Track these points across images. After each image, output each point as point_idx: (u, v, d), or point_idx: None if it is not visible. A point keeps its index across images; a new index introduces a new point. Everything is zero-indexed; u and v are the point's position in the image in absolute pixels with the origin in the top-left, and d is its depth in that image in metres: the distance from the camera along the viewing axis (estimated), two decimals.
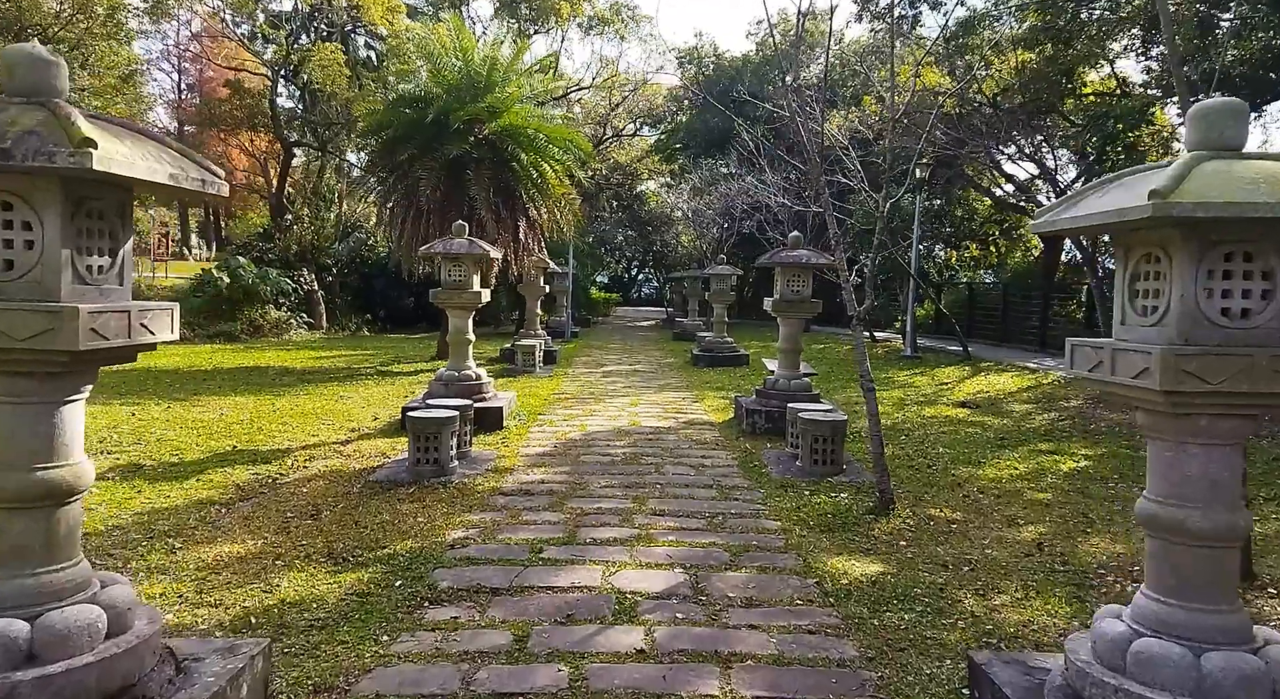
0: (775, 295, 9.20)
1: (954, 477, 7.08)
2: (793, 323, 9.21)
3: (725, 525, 5.54)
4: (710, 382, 13.51)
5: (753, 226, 23.54)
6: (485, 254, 8.94)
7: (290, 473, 6.82)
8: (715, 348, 16.14)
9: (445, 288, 9.05)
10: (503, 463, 7.25)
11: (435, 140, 13.96)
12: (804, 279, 9.06)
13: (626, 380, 13.62)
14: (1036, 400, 11.38)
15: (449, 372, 9.11)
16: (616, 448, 8.01)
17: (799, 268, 8.98)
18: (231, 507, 5.83)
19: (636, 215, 38.74)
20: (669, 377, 14.37)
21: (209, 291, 20.86)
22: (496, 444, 8.11)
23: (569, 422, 9.44)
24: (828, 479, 6.77)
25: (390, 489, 6.27)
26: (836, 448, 6.95)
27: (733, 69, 29.94)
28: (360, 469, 6.94)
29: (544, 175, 14.83)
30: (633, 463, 7.38)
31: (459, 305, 9.06)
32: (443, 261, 9.06)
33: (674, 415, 10.10)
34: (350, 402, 10.57)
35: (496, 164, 14.53)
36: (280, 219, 23.42)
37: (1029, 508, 6.14)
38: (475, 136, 14.61)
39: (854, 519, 5.69)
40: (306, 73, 21.42)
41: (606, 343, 21.95)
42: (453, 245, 8.93)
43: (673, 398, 11.63)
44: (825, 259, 9.00)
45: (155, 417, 9.05)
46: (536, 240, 15.72)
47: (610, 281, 51.21)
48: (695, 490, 6.46)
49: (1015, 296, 18.96)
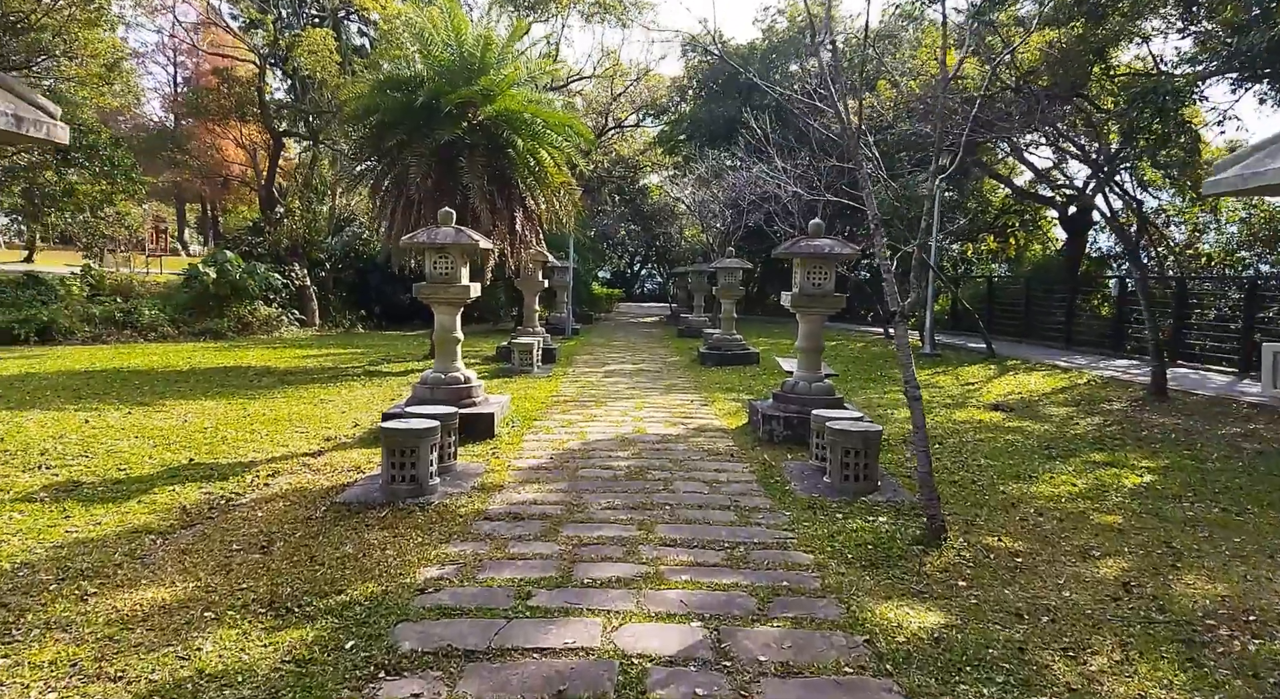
0: (794, 289, 8.34)
1: (1004, 495, 6.22)
2: (814, 320, 8.35)
3: (749, 559, 4.69)
4: (719, 382, 12.65)
5: (760, 218, 22.72)
6: (474, 244, 8.08)
7: (247, 492, 5.98)
8: (723, 345, 15.28)
9: (430, 282, 8.20)
10: (491, 478, 6.41)
11: (425, 125, 13.09)
12: (826, 271, 8.20)
13: (630, 381, 12.76)
14: (1075, 402, 10.51)
15: (435, 374, 8.27)
16: (620, 460, 7.16)
17: (821, 259, 8.12)
18: (170, 536, 4.99)
19: (639, 209, 37.87)
20: (675, 376, 13.52)
21: (195, 288, 20.06)
22: (486, 455, 7.26)
23: (567, 428, 8.59)
24: (862, 498, 5.91)
25: (359, 513, 5.43)
26: (870, 462, 6.09)
27: (739, 57, 28.95)
28: (329, 487, 6.09)
29: (542, 163, 13.96)
30: (638, 478, 6.53)
31: (446, 301, 8.21)
32: (428, 253, 8.21)
33: (682, 421, 9.25)
34: (331, 406, 9.73)
35: (491, 151, 13.65)
36: (270, 212, 22.60)
37: (1100, 535, 5.28)
38: (468, 121, 13.74)
39: (900, 551, 4.84)
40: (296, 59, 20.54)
41: (609, 340, 21.10)
42: (438, 235, 8.08)
43: (680, 401, 10.78)
44: (850, 249, 8.14)
45: (111, 424, 8.22)
46: (534, 232, 14.85)
47: (613, 277, 50.35)
48: (710, 513, 5.61)
49: (1037, 291, 18.05)
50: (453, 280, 8.17)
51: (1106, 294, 18.42)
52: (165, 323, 18.63)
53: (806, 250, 8.06)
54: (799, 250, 8.08)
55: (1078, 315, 16.52)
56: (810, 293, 8.18)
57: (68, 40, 22.69)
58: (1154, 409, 9.72)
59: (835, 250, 8.06)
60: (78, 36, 22.88)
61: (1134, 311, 15.01)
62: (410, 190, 13.09)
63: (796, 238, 8.32)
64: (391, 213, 13.81)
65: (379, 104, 13.21)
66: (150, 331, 18.15)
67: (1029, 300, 17.86)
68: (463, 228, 8.23)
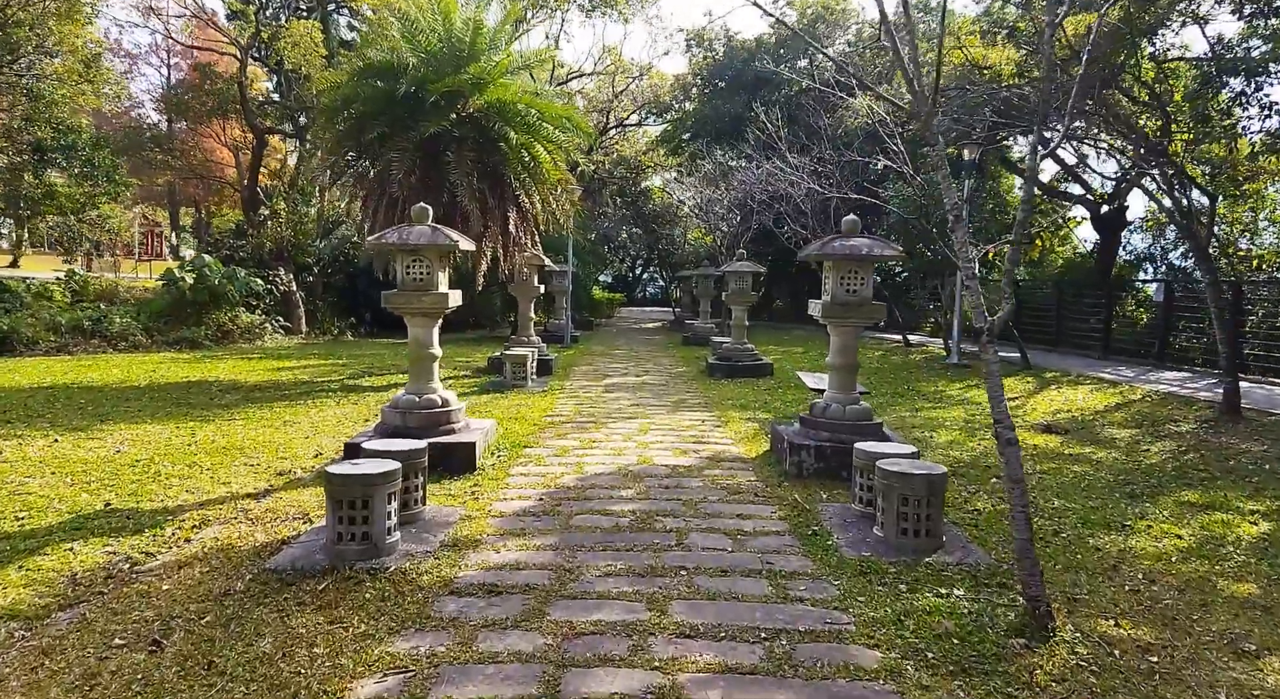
0: (825, 296, 7.18)
1: (1099, 552, 5.05)
2: (848, 332, 7.18)
3: (795, 660, 3.53)
4: (732, 397, 11.48)
5: (769, 220, 21.57)
6: (453, 246, 6.92)
7: (161, 552, 4.82)
8: (734, 356, 14.12)
9: (402, 289, 7.04)
10: (467, 529, 5.24)
11: (409, 117, 11.96)
12: (863, 275, 7.04)
13: (633, 397, 11.59)
14: (1135, 423, 9.33)
15: (408, 396, 7.10)
16: (623, 501, 6.00)
17: (857, 261, 6.96)
18: (38, 625, 3.83)
19: (641, 211, 36.75)
20: (683, 390, 12.35)
21: (172, 294, 18.94)
22: (464, 495, 6.10)
23: (562, 458, 7.42)
24: (926, 560, 4.74)
25: (292, 584, 4.27)
26: (935, 513, 4.92)
27: (745, 52, 27.86)
28: (263, 545, 4.93)
29: (537, 158, 12.82)
30: (645, 528, 5.36)
31: (420, 311, 7.05)
32: (399, 256, 7.05)
33: (694, 446, 8.08)
34: (295, 429, 8.57)
35: (481, 145, 12.52)
36: (253, 214, 21.47)
37: (1241, 616, 4.11)
38: (457, 113, 12.61)
39: (994, 646, 3.67)
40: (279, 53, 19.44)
41: (610, 348, 19.94)
42: (410, 234, 6.92)
43: (690, 420, 9.61)
44: (893, 250, 6.97)
45: (29, 456, 7.06)
46: (529, 233, 13.71)
47: (614, 281, 49.27)
48: (738, 582, 4.44)
49: (1070, 295, 16.85)
50: (428, 287, 7.01)
51: (1142, 299, 17.25)
52: (138, 331, 17.49)
53: (840, 251, 6.90)
54: (831, 251, 6.92)
55: (1115, 322, 15.33)
56: (844, 301, 7.01)
57: (42, 35, 21.64)
58: (1230, 432, 8.53)
59: (874, 251, 6.89)
60: (53, 31, 21.83)
61: (1181, 319, 13.82)
62: (392, 188, 11.95)
63: (828, 237, 7.16)
64: (374, 213, 12.68)
65: (358, 93, 12.08)
66: (121, 341, 17.01)
67: (1060, 306, 16.66)
68: (440, 227, 7.07)
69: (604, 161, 36.44)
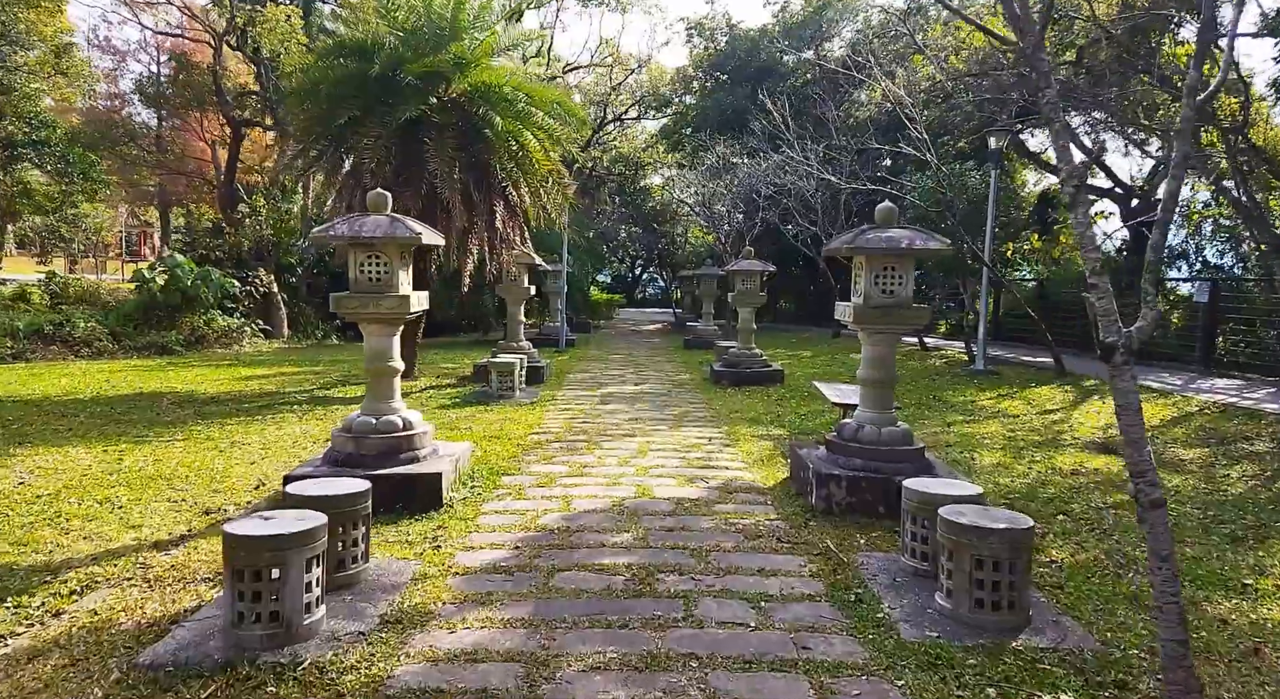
0: (856, 298, 6.08)
1: (1226, 625, 3.94)
2: (885, 339, 6.07)
3: None
4: (740, 410, 10.37)
5: (775, 216, 20.48)
6: (414, 239, 5.81)
7: (18, 631, 3.72)
8: (741, 362, 13.01)
9: (355, 291, 5.94)
10: (417, 595, 4.13)
11: (384, 100, 10.86)
12: (902, 273, 5.93)
13: (631, 409, 10.48)
14: (1201, 440, 8.22)
15: (363, 417, 5.99)
16: (617, 551, 4.89)
17: (896, 256, 5.85)
18: None
19: (641, 209, 35.67)
20: (686, 401, 11.24)
21: (141, 296, 17.83)
22: (422, 543, 4.99)
23: (546, 490, 6.31)
24: (1010, 643, 3.63)
25: (169, 689, 3.16)
26: (1019, 580, 3.81)
27: (748, 41, 26.76)
28: (150, 621, 3.82)
29: (526, 147, 11.71)
30: (644, 590, 4.25)
31: (377, 318, 5.94)
32: (352, 252, 5.95)
33: (701, 471, 6.97)
34: (242, 452, 7.47)
35: (464, 132, 11.42)
36: (230, 212, 20.36)
37: None
38: (438, 97, 11.52)
39: None
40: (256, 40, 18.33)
41: (608, 353, 18.82)
42: (364, 226, 5.82)
43: (695, 438, 8.50)
44: (938, 242, 5.86)
45: None
46: (519, 229, 12.61)
47: (613, 281, 48.19)
48: (767, 680, 3.33)
49: None
50: (386, 289, 5.91)
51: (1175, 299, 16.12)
52: (103, 337, 16.37)
53: (876, 244, 5.79)
54: (866, 244, 5.81)
55: None
56: (881, 303, 5.90)
57: (8, 23, 20.53)
58: None
59: (917, 244, 5.79)
60: (20, 19, 20.71)
61: (1229, 321, 12.71)
62: (365, 179, 10.85)
63: (860, 228, 6.04)
64: (347, 207, 11.58)
65: (327, 74, 10.98)
66: (84, 347, 15.89)
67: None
68: (401, 218, 5.96)
69: (602, 158, 35.37)
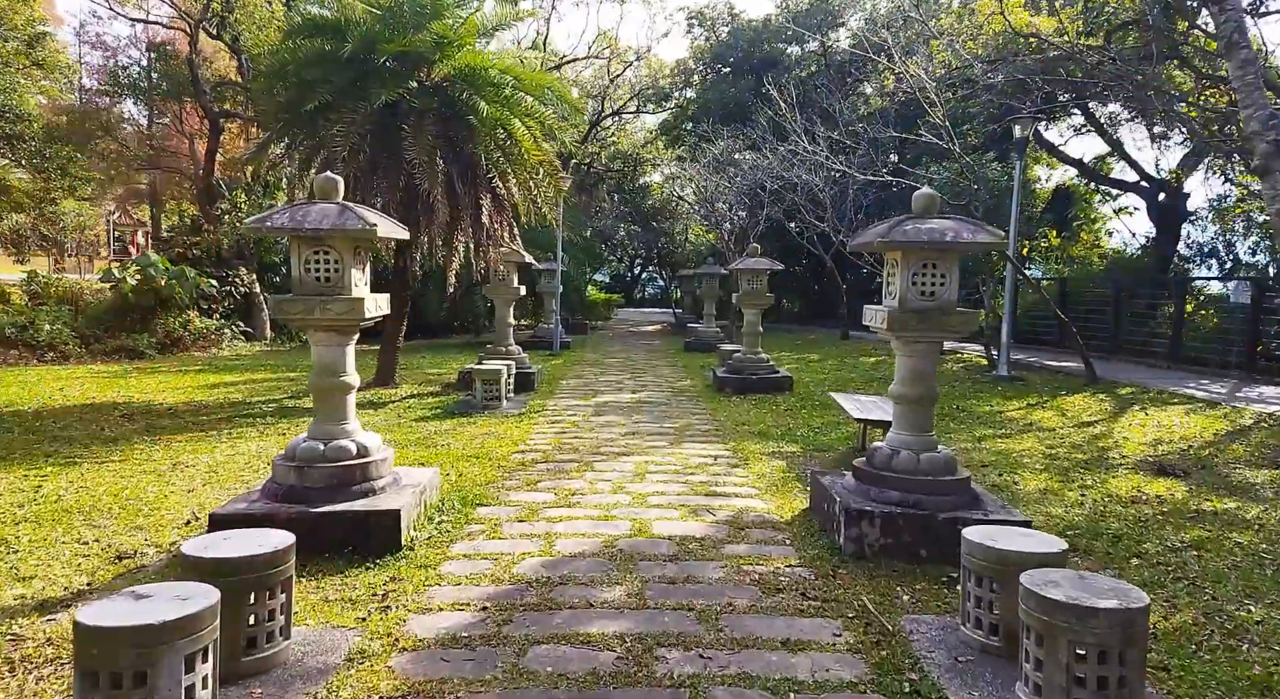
0: (890, 300, 5.18)
1: None
2: (925, 350, 5.16)
3: None
4: (747, 422, 9.47)
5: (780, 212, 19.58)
6: (369, 231, 4.88)
7: None
8: (747, 368, 12.09)
9: (299, 292, 5.01)
10: (347, 688, 3.22)
11: (357, 83, 9.96)
12: (945, 271, 5.03)
13: (628, 421, 9.58)
14: (1268, 460, 7.32)
15: (309, 443, 5.07)
16: (606, 613, 3.98)
17: (938, 251, 4.94)
18: None
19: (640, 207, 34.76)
20: (688, 411, 10.34)
21: (113, 297, 16.93)
22: (368, 601, 4.08)
23: (526, 525, 5.40)
24: None
25: None
26: (1133, 675, 2.90)
27: (751, 31, 25.83)
28: None
29: (514, 135, 10.80)
30: (639, 675, 3.35)
31: (324, 325, 5.02)
32: (296, 245, 5.02)
33: (706, 500, 6.07)
34: (183, 476, 6.56)
35: (447, 119, 10.51)
36: (209, 208, 19.44)
37: None
38: (418, 81, 10.63)
39: None
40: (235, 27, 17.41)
41: (604, 356, 17.91)
42: (308, 215, 4.90)
43: (699, 457, 7.59)
44: (989, 234, 4.96)
45: None
46: (507, 225, 11.69)
47: (612, 280, 47.29)
48: None
49: (1128, 296, 14.81)
50: (337, 290, 4.99)
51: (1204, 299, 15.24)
52: (69, 340, 15.47)
53: (916, 237, 4.88)
54: (903, 237, 4.90)
55: (1186, 327, 13.31)
56: (920, 307, 5.00)
57: None
58: None
59: (964, 236, 4.88)
60: None
61: (1274, 322, 11.81)
62: (337, 169, 9.93)
63: (897, 219, 5.13)
64: None
65: (296, 55, 10.06)
66: (49, 351, 15.00)
67: (1118, 307, 14.61)
68: (353, 205, 5.04)
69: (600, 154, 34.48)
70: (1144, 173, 16.23)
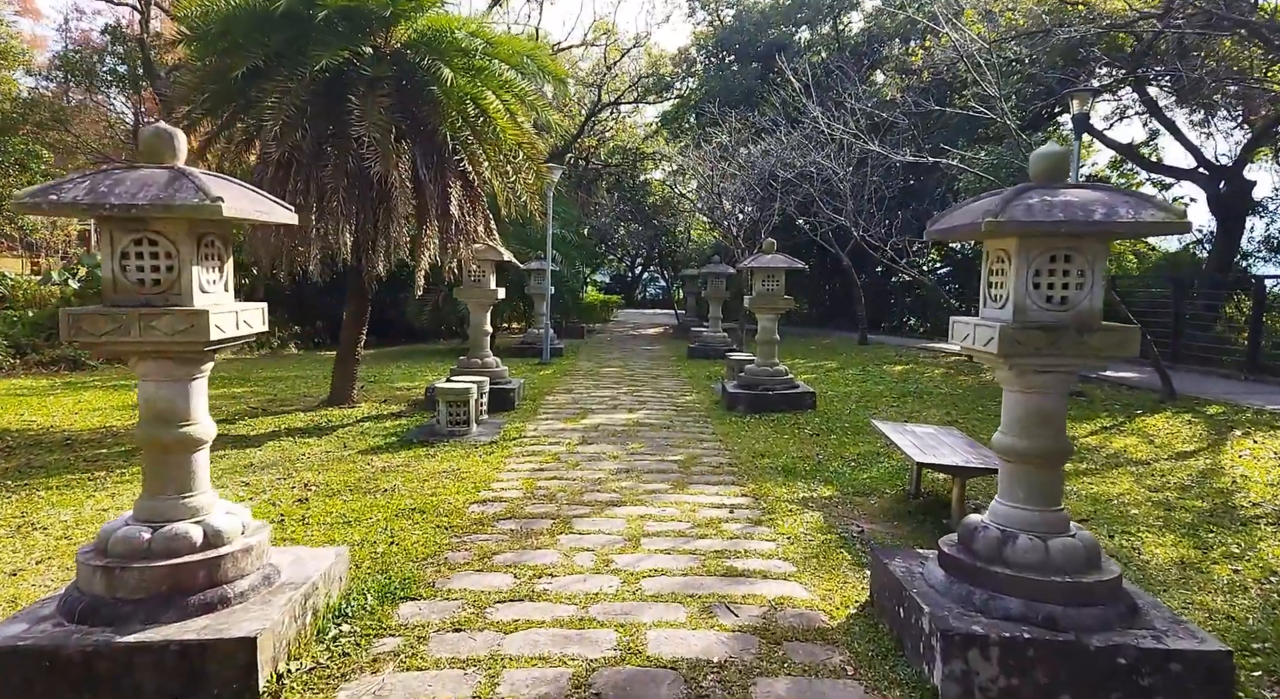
0: (999, 308, 3.53)
1: None
2: (1051, 384, 3.48)
3: None
4: (766, 451, 7.78)
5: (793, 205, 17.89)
6: (207, 207, 3.20)
7: None
8: (761, 382, 10.40)
9: (109, 303, 3.33)
10: None
11: (295, 45, 8.30)
12: (1082, 266, 3.36)
13: (622, 452, 7.89)
14: None
15: (130, 528, 3.38)
16: None
17: (1075, 237, 3.27)
18: None
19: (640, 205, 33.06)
20: (694, 437, 8.66)
21: (53, 302, 15.30)
22: None
23: (464, 638, 3.71)
24: None
25: None
26: None
27: (758, 14, 24.14)
28: None
29: (487, 110, 9.15)
30: None
31: (151, 351, 3.34)
32: (104, 233, 3.33)
33: (723, 586, 4.39)
34: (25, 543, 4.90)
35: (406, 91, 8.87)
36: None
37: None
38: (374, 47, 8.96)
39: None
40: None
41: (600, 364, 16.21)
42: (120, 185, 3.22)
43: (710, 508, 5.91)
44: (1160, 212, 3.27)
45: None
46: (483, 217, 10.02)
47: (612, 281, 45.58)
48: None
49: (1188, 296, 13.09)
50: (168, 298, 3.31)
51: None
52: (2, 349, 13.82)
53: (1044, 216, 3.22)
54: (1025, 217, 3.24)
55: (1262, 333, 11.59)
56: (1046, 320, 3.34)
57: None
58: None
59: (1120, 214, 3.21)
60: None
61: None
62: (270, 148, 8.29)
63: (1016, 189, 3.45)
64: (257, 184, 9.00)
65: (223, 7, 8.38)
66: None
67: (1179, 310, 12.89)
68: (190, 171, 3.36)
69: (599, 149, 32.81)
70: (1203, 158, 14.52)
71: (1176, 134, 14.36)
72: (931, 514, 5.76)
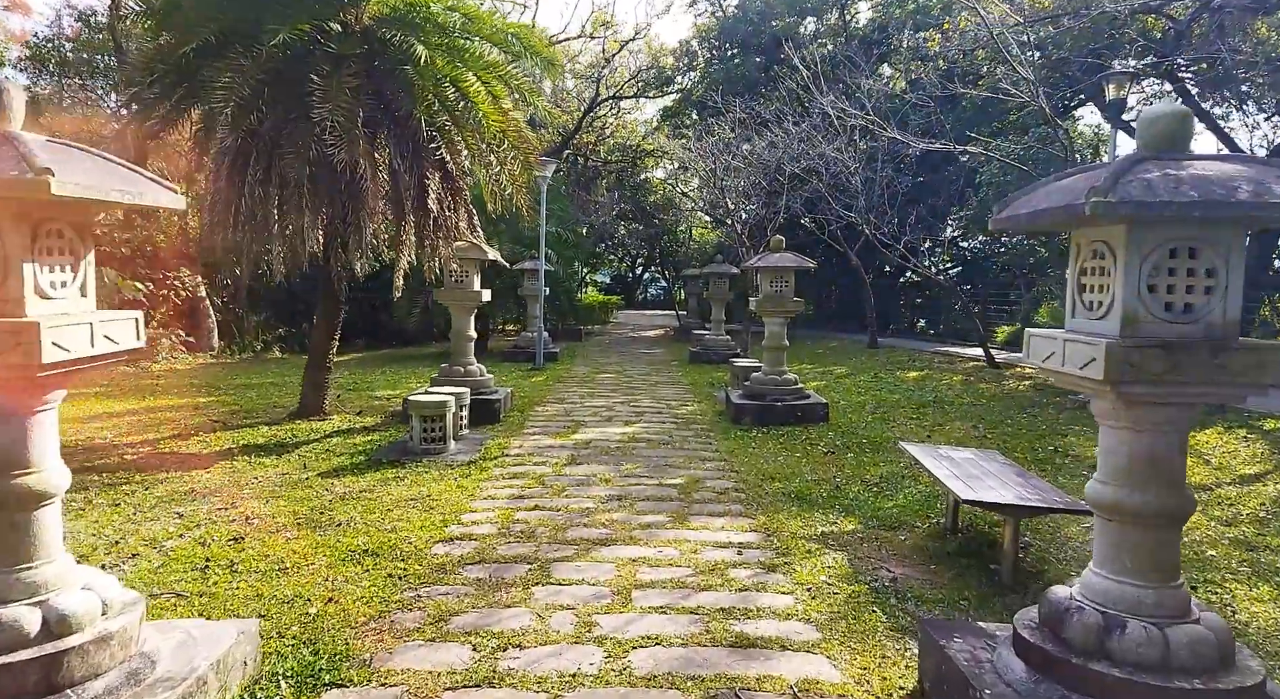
0: (1099, 318, 2.66)
1: None
2: (1170, 417, 2.63)
3: None
4: (776, 473, 6.93)
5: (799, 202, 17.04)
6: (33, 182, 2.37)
7: None
8: (769, 392, 9.55)
9: None
10: None
11: (250, 19, 7.46)
12: (1212, 262, 2.51)
13: (615, 474, 7.04)
14: None
15: None
16: None
17: (1198, 226, 2.42)
18: None
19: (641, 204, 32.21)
20: (696, 456, 7.81)
21: None
22: None
23: None
24: None
25: None
26: None
27: (761, 2, 23.29)
28: None
29: (466, 93, 8.30)
30: None
31: None
32: None
33: (732, 661, 3.55)
34: None
35: (376, 72, 8.02)
36: None
37: None
38: (342, 23, 8.13)
39: None
40: None
41: (596, 370, 15.37)
42: None
43: (714, 549, 5.05)
44: None
45: None
46: (465, 213, 9.19)
47: (612, 281, 44.75)
48: None
49: None
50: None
51: None
52: None
53: (1169, 196, 2.36)
54: (1143, 196, 2.38)
55: None
56: (1167, 335, 2.49)
57: None
58: None
59: (1273, 191, 2.35)
60: None
61: None
62: (222, 135, 7.47)
63: (1123, 163, 2.60)
64: (213, 176, 8.21)
65: None
66: None
67: None
68: (18, 135, 2.52)
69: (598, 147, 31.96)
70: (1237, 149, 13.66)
71: (1211, 124, 13.50)
72: (974, 557, 4.90)
